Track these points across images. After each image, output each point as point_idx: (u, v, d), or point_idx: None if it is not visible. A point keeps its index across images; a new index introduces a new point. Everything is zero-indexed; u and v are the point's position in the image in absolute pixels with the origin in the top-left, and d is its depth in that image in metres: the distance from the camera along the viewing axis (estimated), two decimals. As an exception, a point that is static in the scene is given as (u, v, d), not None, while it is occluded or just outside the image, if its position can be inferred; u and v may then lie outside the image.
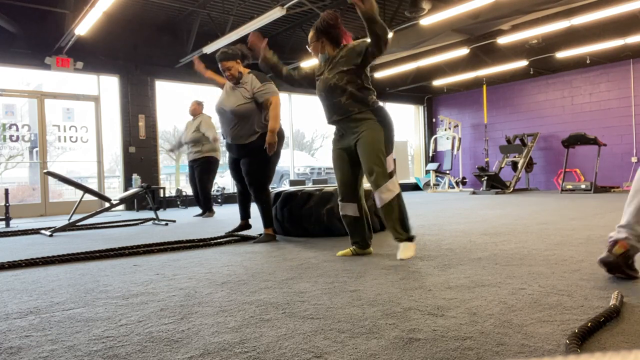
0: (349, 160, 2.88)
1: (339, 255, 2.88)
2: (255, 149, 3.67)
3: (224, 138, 3.88)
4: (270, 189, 3.81)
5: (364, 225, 2.91)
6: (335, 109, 2.81)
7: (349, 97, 2.75)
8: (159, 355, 1.33)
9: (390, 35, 2.63)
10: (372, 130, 2.72)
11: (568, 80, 11.20)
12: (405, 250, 2.67)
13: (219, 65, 3.71)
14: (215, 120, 6.50)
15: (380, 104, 2.86)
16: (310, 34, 2.88)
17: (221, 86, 4.02)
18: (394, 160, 2.82)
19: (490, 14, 7.31)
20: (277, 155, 3.78)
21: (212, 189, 7.05)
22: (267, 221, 3.76)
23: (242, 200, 4.05)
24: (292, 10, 7.48)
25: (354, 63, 2.73)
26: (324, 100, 2.88)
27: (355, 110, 2.76)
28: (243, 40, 7.67)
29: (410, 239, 2.71)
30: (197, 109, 6.54)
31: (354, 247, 2.91)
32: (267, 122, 3.68)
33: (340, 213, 2.95)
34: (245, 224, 4.12)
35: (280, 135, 3.77)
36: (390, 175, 2.72)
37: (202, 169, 6.34)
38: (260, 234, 3.89)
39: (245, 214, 4.11)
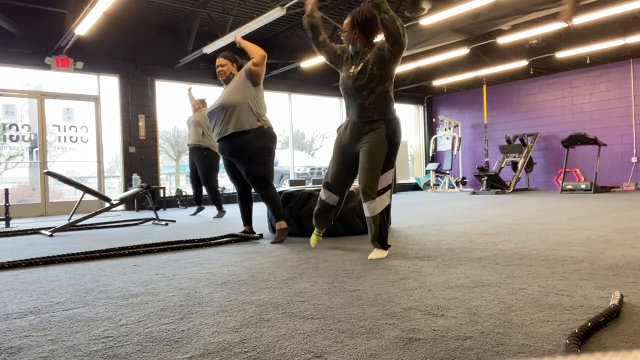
0: (349, 158, 2.90)
1: (313, 246, 3.20)
2: (245, 145, 3.60)
3: (216, 140, 3.83)
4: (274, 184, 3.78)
5: (334, 215, 3.09)
6: (356, 110, 2.82)
7: (373, 101, 2.76)
8: (159, 355, 1.33)
9: (403, 31, 2.67)
10: (376, 145, 2.75)
11: (568, 80, 11.20)
12: (377, 253, 2.81)
13: (216, 61, 3.81)
14: None
15: (397, 114, 2.87)
16: (346, 21, 2.84)
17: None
18: (394, 171, 2.86)
19: (490, 14, 7.31)
20: (271, 152, 3.72)
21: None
22: (278, 215, 3.71)
23: (243, 202, 3.96)
24: (292, 10, 7.48)
25: (382, 66, 2.73)
26: (347, 97, 2.88)
27: (373, 116, 2.78)
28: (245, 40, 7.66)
29: (383, 247, 2.85)
30: (201, 107, 6.59)
31: (316, 231, 3.19)
32: (257, 115, 3.66)
33: (321, 196, 3.03)
34: (249, 230, 3.99)
35: (272, 134, 3.73)
36: (382, 191, 2.79)
37: (205, 167, 6.31)
38: (261, 234, 3.88)
39: (247, 220, 3.99)
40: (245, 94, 3.63)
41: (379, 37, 2.86)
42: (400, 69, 10.53)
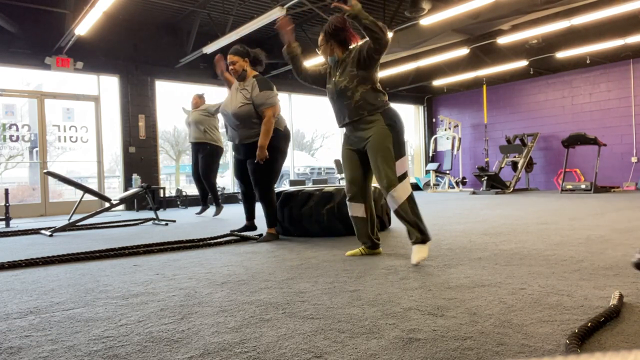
0: (358, 160, 2.89)
1: (348, 255, 2.90)
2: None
3: (229, 140, 3.90)
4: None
5: (369, 226, 2.93)
6: (346, 112, 2.82)
7: (360, 98, 2.75)
8: (159, 355, 1.33)
9: (385, 30, 2.71)
10: (380, 135, 2.73)
11: (568, 80, 11.20)
12: (417, 252, 2.59)
13: (227, 58, 3.75)
14: (220, 119, 6.54)
15: (391, 105, 2.87)
16: (320, 38, 2.93)
17: (230, 87, 4.02)
18: (408, 160, 2.81)
19: (490, 14, 7.31)
20: (283, 155, 3.78)
21: None
22: (270, 221, 3.78)
23: (246, 200, 4.06)
24: (292, 10, 7.48)
25: (362, 65, 2.75)
26: (335, 103, 2.89)
27: (365, 112, 2.77)
28: (245, 40, 7.68)
29: (424, 240, 2.64)
30: (198, 102, 6.57)
31: (363, 247, 2.94)
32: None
33: (349, 213, 2.97)
34: (250, 225, 4.10)
35: (286, 135, 3.78)
36: (401, 178, 2.70)
37: (207, 161, 6.31)
38: (261, 234, 3.89)
39: (250, 215, 4.09)
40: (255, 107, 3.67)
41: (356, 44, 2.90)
42: (400, 68, 10.52)
